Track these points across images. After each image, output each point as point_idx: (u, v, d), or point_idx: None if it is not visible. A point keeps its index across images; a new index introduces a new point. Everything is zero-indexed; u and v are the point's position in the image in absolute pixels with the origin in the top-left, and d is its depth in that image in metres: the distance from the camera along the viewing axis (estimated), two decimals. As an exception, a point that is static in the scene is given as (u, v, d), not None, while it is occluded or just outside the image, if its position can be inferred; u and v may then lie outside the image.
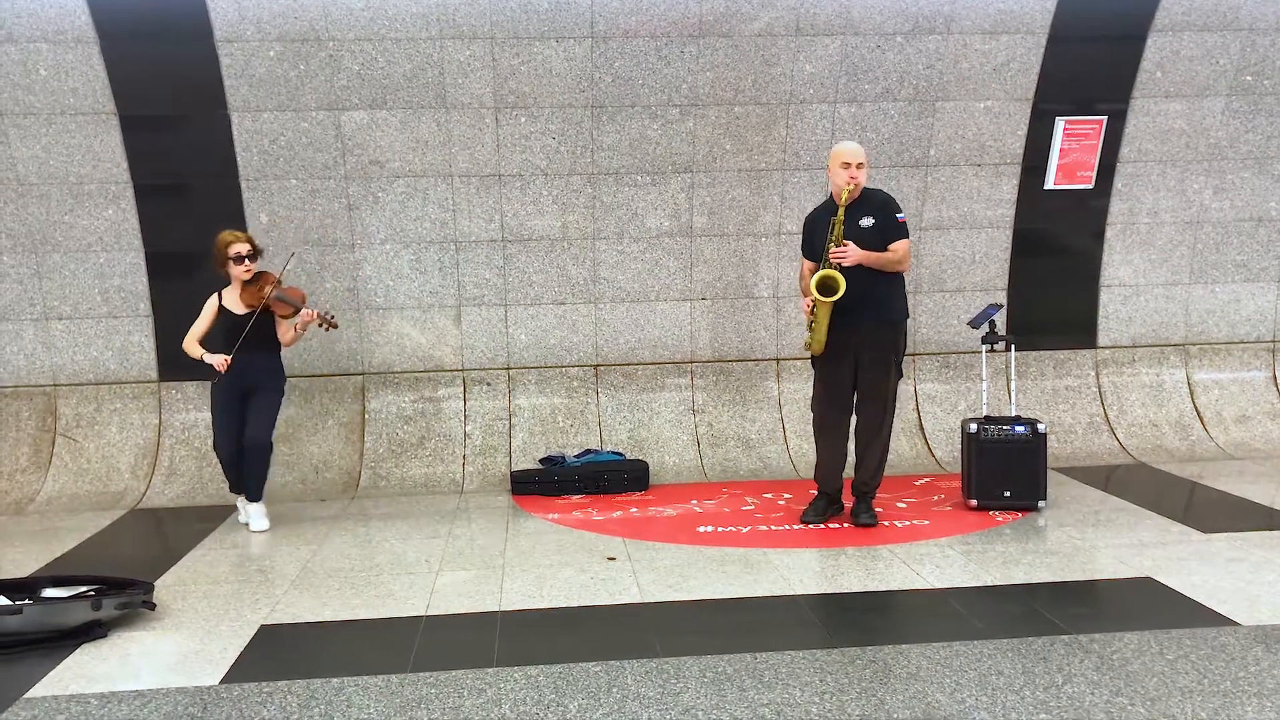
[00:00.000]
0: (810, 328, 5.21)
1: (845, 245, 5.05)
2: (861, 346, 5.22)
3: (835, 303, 5.05)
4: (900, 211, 5.24)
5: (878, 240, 5.13)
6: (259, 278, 5.55)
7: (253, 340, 5.50)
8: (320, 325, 5.62)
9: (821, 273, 5.07)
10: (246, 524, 5.68)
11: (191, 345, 5.58)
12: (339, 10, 6.18)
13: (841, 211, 5.08)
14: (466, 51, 6.33)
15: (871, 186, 5.35)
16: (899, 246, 5.16)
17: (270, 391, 5.65)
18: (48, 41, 6.09)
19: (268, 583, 4.72)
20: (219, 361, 5.42)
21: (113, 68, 6.18)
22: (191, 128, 6.41)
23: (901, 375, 5.36)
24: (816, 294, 5.05)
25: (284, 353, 5.78)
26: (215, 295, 5.63)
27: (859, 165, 5.09)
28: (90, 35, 6.09)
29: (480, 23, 6.27)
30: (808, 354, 5.44)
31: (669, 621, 4.09)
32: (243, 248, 5.48)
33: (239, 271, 5.49)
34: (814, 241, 5.30)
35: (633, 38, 6.39)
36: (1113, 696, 3.26)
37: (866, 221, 5.15)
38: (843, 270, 5.04)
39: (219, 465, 5.79)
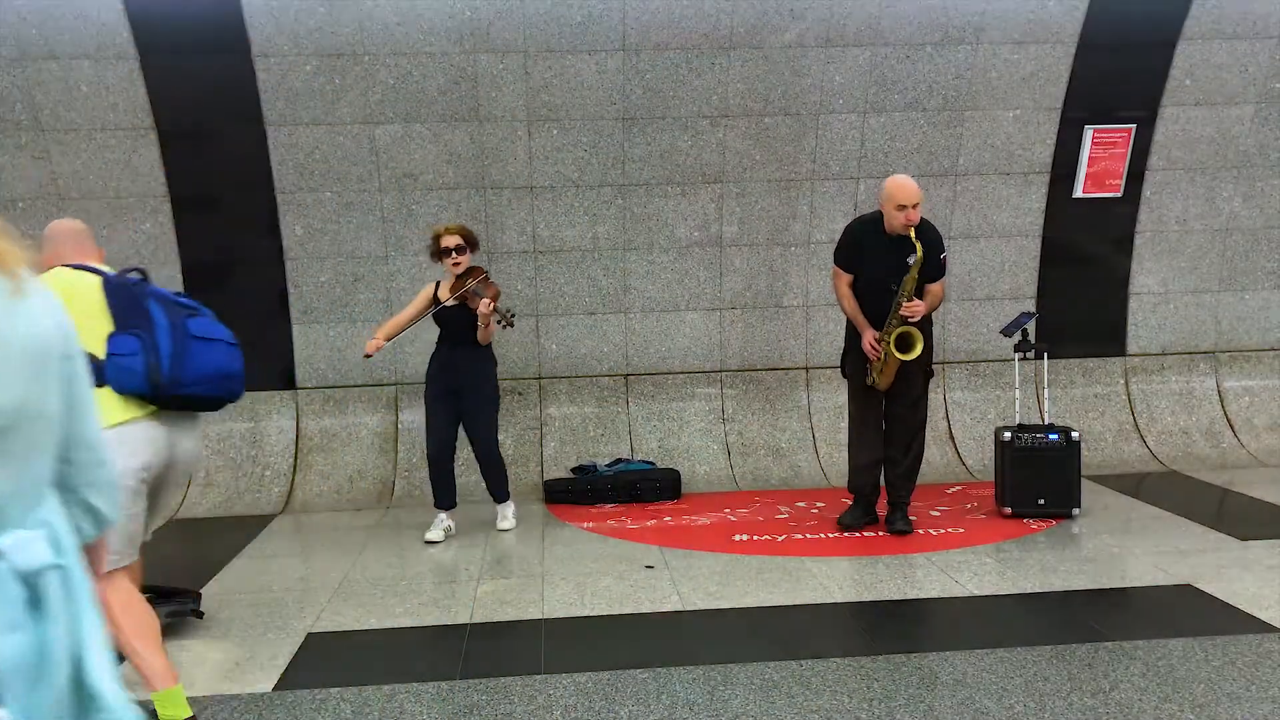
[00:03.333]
0: (877, 370, 5.24)
1: (915, 303, 5.08)
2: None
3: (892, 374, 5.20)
4: (944, 250, 5.30)
5: (920, 275, 5.16)
6: (469, 272, 5.50)
7: (453, 332, 5.48)
8: (499, 321, 5.43)
9: (899, 329, 5.10)
10: (431, 541, 5.54)
11: (384, 328, 5.54)
12: (374, 25, 6.25)
13: (915, 270, 5.08)
14: (500, 65, 6.40)
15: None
16: (935, 288, 5.25)
17: (479, 396, 5.56)
18: (89, 58, 6.18)
19: (310, 591, 4.77)
20: (372, 344, 5.41)
21: (152, 83, 6.27)
22: (228, 141, 6.49)
23: (931, 374, 5.42)
24: (896, 352, 5.10)
25: (322, 362, 5.79)
26: (433, 284, 5.63)
27: (915, 205, 5.05)
28: (130, 51, 6.18)
29: (514, 36, 6.34)
30: (838, 363, 5.62)
31: (712, 629, 4.12)
32: (452, 240, 5.43)
33: (448, 264, 5.45)
34: (858, 259, 5.30)
35: (664, 50, 6.45)
36: (1161, 703, 3.28)
37: (912, 259, 5.12)
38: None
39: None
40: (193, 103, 6.37)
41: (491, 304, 5.29)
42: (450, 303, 5.42)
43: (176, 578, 4.78)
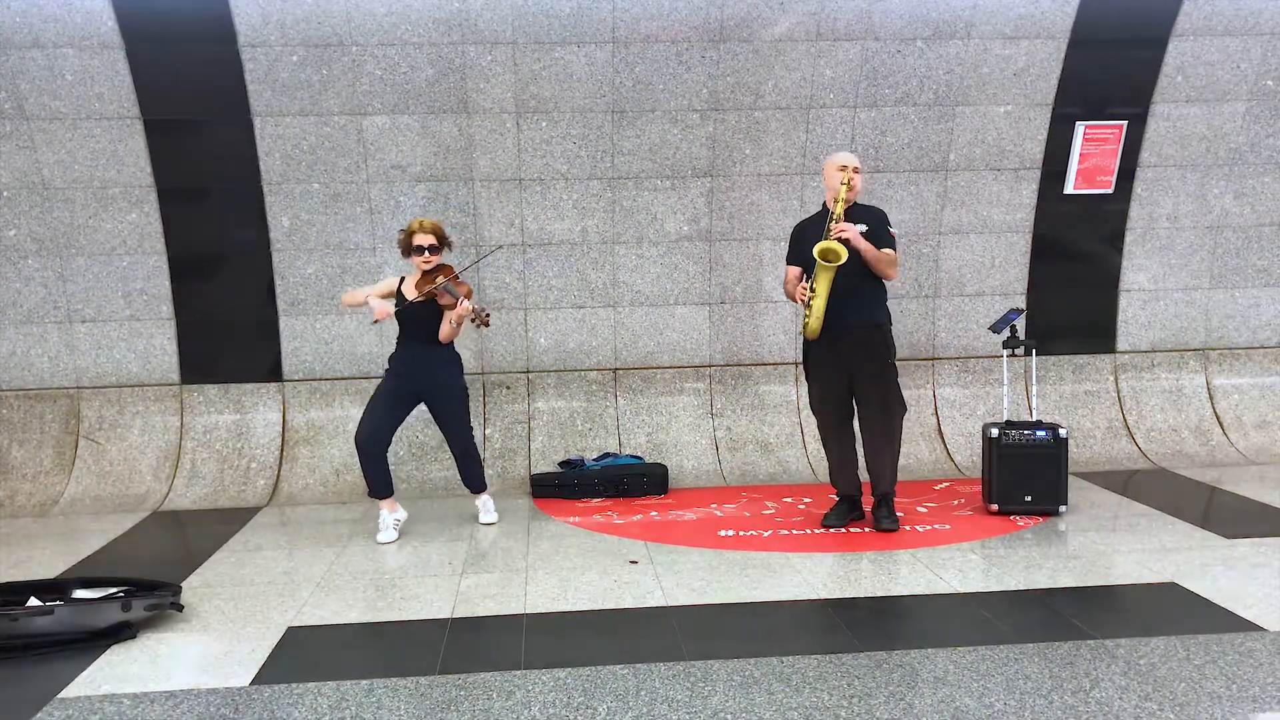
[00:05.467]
0: (808, 306, 5.15)
1: (844, 224, 5.06)
2: (854, 354, 5.23)
3: (823, 304, 5.11)
4: (892, 226, 5.33)
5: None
6: (438, 270, 5.43)
7: (418, 330, 5.42)
8: (473, 321, 5.37)
9: (823, 243, 5.05)
10: (386, 542, 5.42)
11: (352, 294, 5.46)
12: (362, 15, 6.21)
13: (839, 207, 5.09)
14: (488, 56, 6.36)
15: (865, 204, 5.41)
16: (890, 252, 5.22)
17: (450, 395, 5.52)
18: (74, 47, 6.14)
19: (293, 585, 4.75)
20: (381, 309, 5.30)
21: (138, 72, 6.23)
22: (215, 132, 6.45)
23: (897, 373, 5.35)
24: (819, 259, 5.02)
25: (309, 354, 5.76)
26: (400, 277, 5.54)
27: (855, 169, 5.14)
28: (116, 40, 6.14)
29: (502, 28, 6.30)
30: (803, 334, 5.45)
31: (694, 625, 4.10)
32: (426, 239, 5.36)
33: (419, 261, 5.37)
34: (802, 247, 5.29)
35: (653, 43, 6.41)
36: (1141, 701, 3.27)
37: (860, 228, 5.14)
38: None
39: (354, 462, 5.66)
40: (179, 92, 6.34)
41: (469, 306, 5.24)
42: (418, 300, 5.33)
43: (159, 570, 4.78)
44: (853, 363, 5.24)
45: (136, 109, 6.32)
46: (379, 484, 5.50)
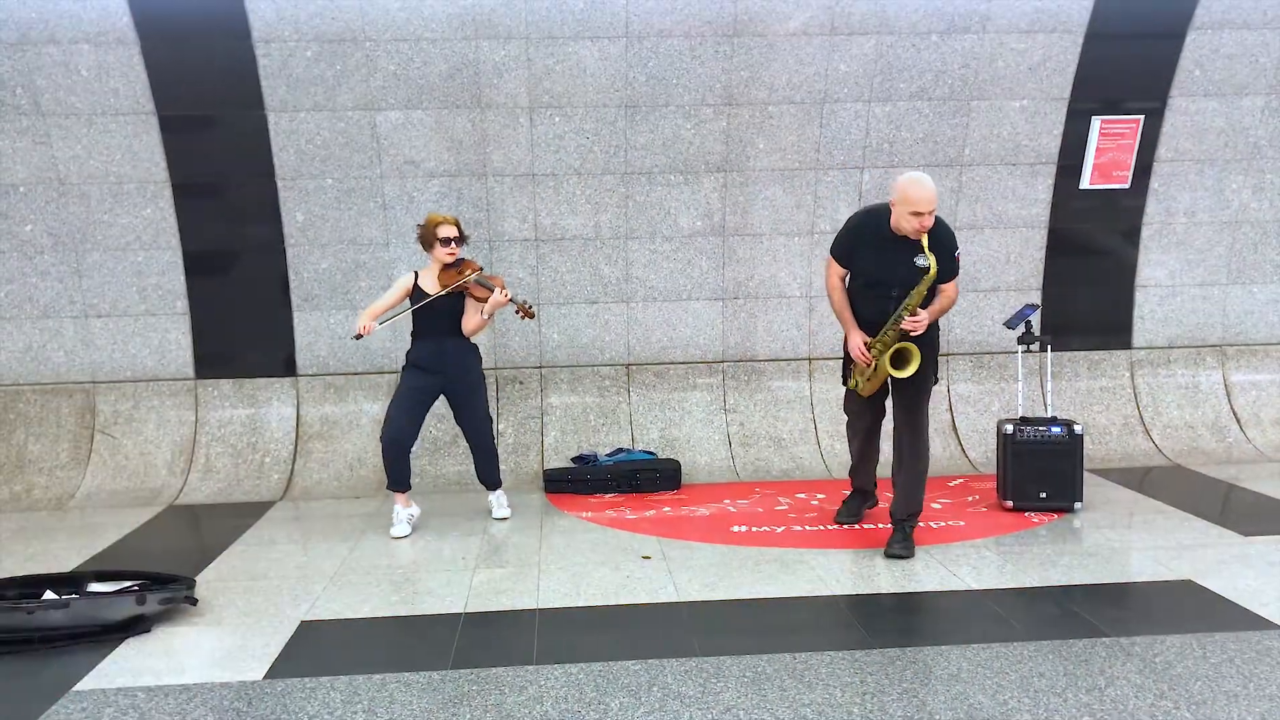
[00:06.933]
0: (862, 376, 4.91)
1: (920, 316, 4.66)
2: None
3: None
4: (957, 248, 4.83)
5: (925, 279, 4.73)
6: (460, 262, 5.47)
7: (439, 323, 5.42)
8: (517, 312, 5.48)
9: (899, 345, 4.70)
10: (401, 536, 5.44)
11: (366, 314, 5.39)
12: (375, 11, 6.21)
13: (925, 285, 4.65)
14: (501, 52, 6.36)
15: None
16: (948, 288, 4.81)
17: (467, 385, 5.52)
18: (89, 42, 6.16)
19: (306, 579, 4.76)
20: (366, 325, 5.27)
21: (153, 68, 6.25)
22: (229, 127, 6.46)
23: (937, 380, 5.03)
24: (890, 368, 4.72)
25: (323, 349, 5.76)
26: (411, 274, 5.52)
27: (930, 213, 4.56)
28: (131, 36, 6.16)
29: (515, 23, 6.29)
30: (840, 354, 5.23)
31: (707, 621, 4.09)
32: (450, 231, 5.38)
33: (443, 254, 5.39)
34: (857, 255, 4.84)
35: (667, 37, 6.39)
36: (1157, 700, 3.24)
37: (921, 261, 4.65)
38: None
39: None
40: (194, 88, 6.35)
41: (508, 296, 5.37)
42: (451, 290, 5.36)
43: (173, 564, 4.79)
44: (895, 379, 4.88)
45: (151, 104, 6.33)
46: (399, 478, 5.52)
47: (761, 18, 6.38)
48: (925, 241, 4.59)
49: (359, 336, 5.33)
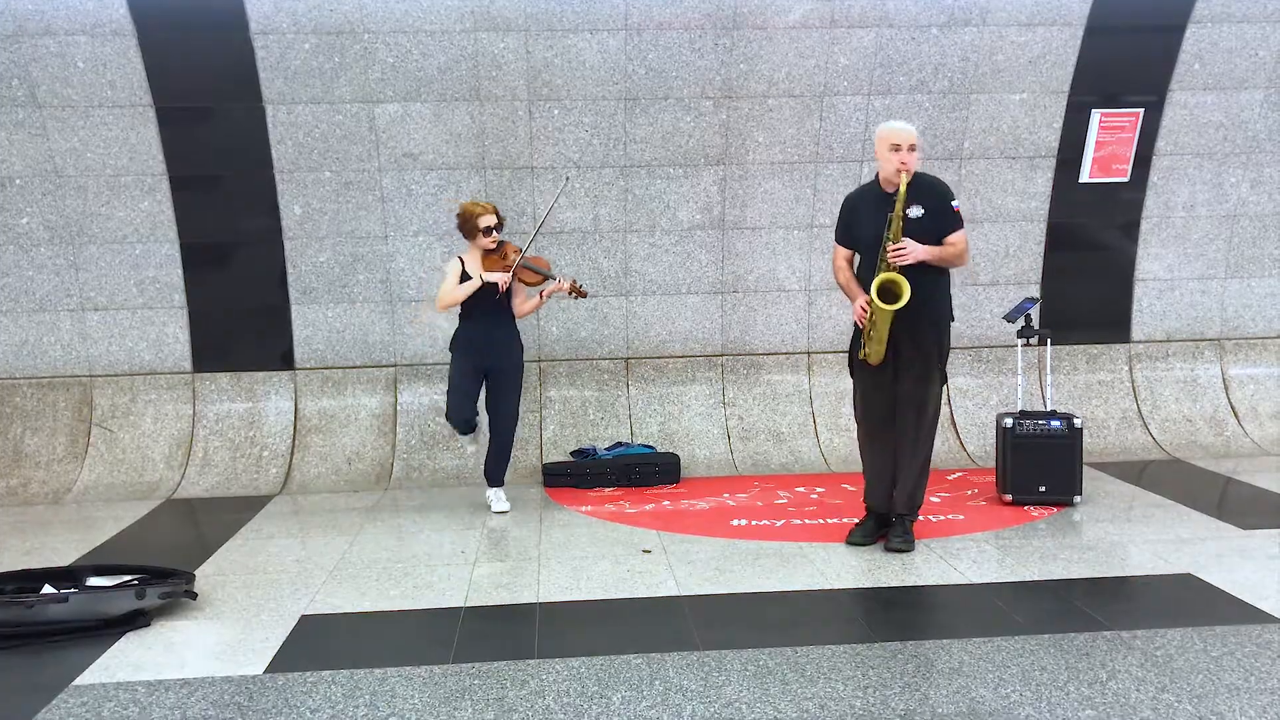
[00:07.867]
0: (867, 336, 4.67)
1: (904, 243, 4.53)
2: (900, 349, 4.70)
3: (885, 335, 4.63)
4: (954, 198, 4.68)
5: (929, 233, 4.59)
6: (501, 246, 5.55)
7: (488, 307, 5.51)
8: (570, 294, 5.63)
9: (882, 276, 4.52)
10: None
11: (452, 294, 5.48)
12: (374, 3, 6.19)
13: (899, 205, 4.51)
14: (501, 44, 6.33)
15: (919, 169, 4.67)
16: (957, 239, 4.63)
17: (511, 373, 5.64)
18: (86, 34, 6.13)
19: (305, 573, 4.75)
20: (503, 280, 5.42)
21: (150, 60, 6.22)
22: (227, 120, 6.44)
23: (945, 381, 4.87)
24: (878, 301, 4.51)
25: (321, 342, 5.77)
26: (457, 259, 5.59)
27: (910, 147, 4.50)
28: (128, 28, 6.13)
29: (515, 15, 6.27)
30: (845, 352, 5.17)
31: (707, 614, 4.09)
32: (490, 220, 5.48)
33: (485, 242, 5.49)
34: (854, 228, 4.79)
35: (666, 29, 6.37)
36: (1158, 693, 3.24)
37: (915, 211, 4.57)
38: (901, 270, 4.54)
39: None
40: (191, 80, 6.33)
41: (564, 281, 5.59)
42: (500, 278, 5.43)
43: (172, 558, 4.78)
44: (899, 358, 4.72)
45: (149, 97, 6.31)
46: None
47: (761, 10, 6.37)
48: (904, 181, 4.48)
49: (504, 289, 5.45)
